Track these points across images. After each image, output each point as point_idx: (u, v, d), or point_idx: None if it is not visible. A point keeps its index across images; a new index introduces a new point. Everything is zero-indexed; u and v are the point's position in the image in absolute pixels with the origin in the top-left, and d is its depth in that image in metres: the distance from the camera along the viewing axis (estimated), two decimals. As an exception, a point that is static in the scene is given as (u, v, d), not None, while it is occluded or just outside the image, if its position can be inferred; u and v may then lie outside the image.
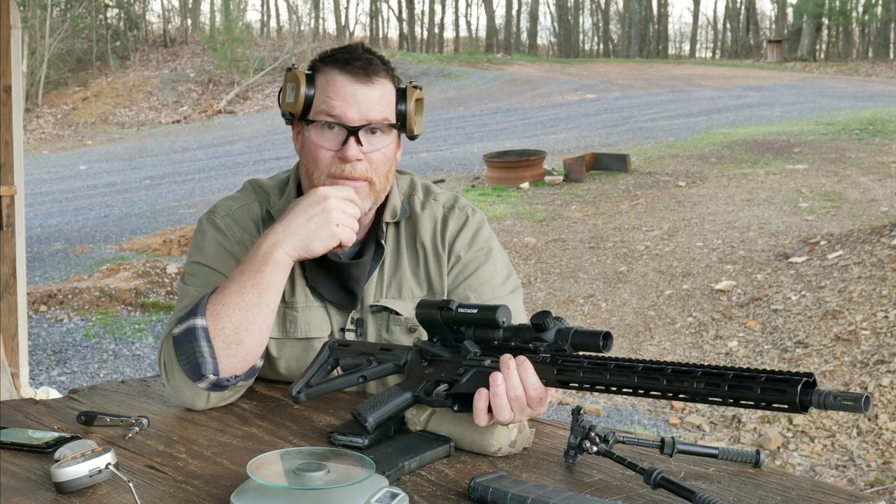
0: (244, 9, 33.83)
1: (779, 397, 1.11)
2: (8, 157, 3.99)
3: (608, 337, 1.29)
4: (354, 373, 1.51)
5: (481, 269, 1.76)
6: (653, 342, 5.44)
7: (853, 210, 8.33)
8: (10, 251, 4.07)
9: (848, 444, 3.88)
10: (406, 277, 1.76)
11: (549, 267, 7.09)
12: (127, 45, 27.56)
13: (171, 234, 8.81)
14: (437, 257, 1.76)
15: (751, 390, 1.13)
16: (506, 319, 1.39)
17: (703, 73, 26.85)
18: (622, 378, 1.24)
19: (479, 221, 1.81)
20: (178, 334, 1.57)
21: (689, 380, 1.18)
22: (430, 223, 1.78)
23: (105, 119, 21.75)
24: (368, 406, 1.40)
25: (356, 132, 1.63)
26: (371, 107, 1.65)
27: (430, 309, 1.46)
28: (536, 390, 1.33)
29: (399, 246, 1.77)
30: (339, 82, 1.65)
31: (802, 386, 1.10)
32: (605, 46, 45.02)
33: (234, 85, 23.82)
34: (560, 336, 1.33)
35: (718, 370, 1.17)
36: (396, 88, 1.70)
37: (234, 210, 1.78)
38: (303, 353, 1.73)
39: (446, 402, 1.40)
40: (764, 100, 18.62)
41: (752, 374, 1.14)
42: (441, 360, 1.45)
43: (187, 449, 1.42)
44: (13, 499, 1.23)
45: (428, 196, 1.82)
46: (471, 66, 27.81)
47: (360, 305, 1.74)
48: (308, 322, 1.74)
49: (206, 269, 1.71)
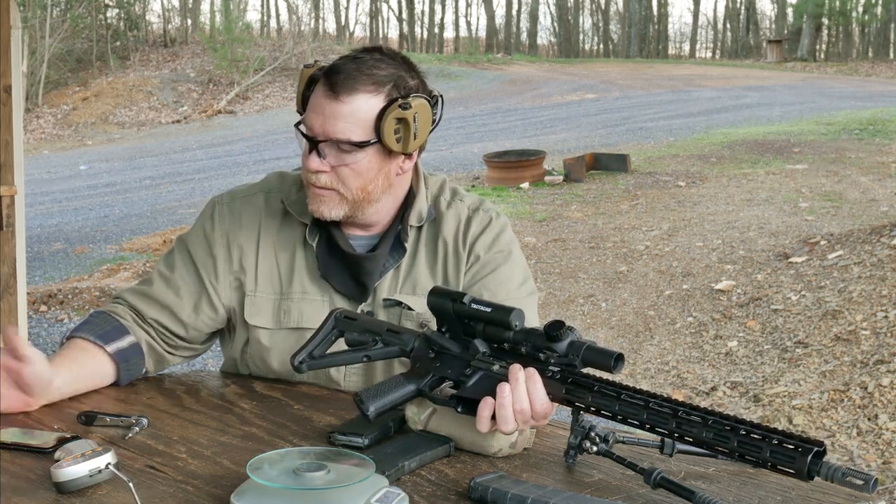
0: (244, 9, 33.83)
1: (787, 463, 1.11)
2: (8, 157, 3.98)
3: (620, 359, 1.27)
4: (359, 351, 1.50)
5: (499, 269, 1.76)
6: (653, 342, 5.44)
7: (853, 210, 8.33)
8: (10, 251, 4.07)
9: (848, 444, 3.88)
10: (422, 274, 1.76)
11: (549, 267, 7.09)
12: (127, 45, 27.54)
13: (171, 234, 8.81)
14: (457, 255, 1.77)
15: (760, 451, 1.12)
16: (519, 323, 1.37)
17: (703, 73, 26.85)
18: (631, 410, 1.23)
19: (503, 225, 1.82)
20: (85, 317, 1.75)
21: (700, 427, 1.17)
22: (454, 222, 1.79)
23: (105, 119, 21.73)
24: (371, 394, 1.38)
25: (315, 144, 1.63)
26: (336, 123, 1.62)
27: (442, 298, 1.43)
28: (543, 405, 1.32)
29: (418, 245, 1.78)
30: (317, 92, 1.65)
31: (812, 456, 1.10)
32: (605, 46, 45.01)
33: (234, 85, 23.80)
34: (572, 349, 1.32)
35: (731, 422, 1.16)
36: (386, 103, 1.62)
37: (238, 197, 1.82)
38: (296, 344, 1.73)
39: (450, 403, 1.39)
40: (764, 100, 18.62)
41: (764, 434, 1.13)
42: (448, 353, 1.43)
43: (187, 449, 1.42)
44: (13, 499, 1.23)
45: (454, 197, 1.83)
46: (471, 66, 27.80)
47: (371, 299, 1.74)
48: (301, 312, 1.74)
49: (181, 247, 1.81)
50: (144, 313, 1.76)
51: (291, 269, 1.76)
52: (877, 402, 4.17)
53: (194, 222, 1.84)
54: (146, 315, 1.76)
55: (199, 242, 1.79)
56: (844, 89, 20.67)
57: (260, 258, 1.77)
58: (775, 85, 22.11)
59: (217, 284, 1.77)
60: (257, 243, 1.77)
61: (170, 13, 32.84)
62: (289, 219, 1.78)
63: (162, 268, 1.80)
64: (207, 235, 1.79)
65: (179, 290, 1.77)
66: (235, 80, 24.04)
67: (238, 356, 1.81)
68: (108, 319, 1.73)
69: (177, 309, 1.76)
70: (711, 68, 29.41)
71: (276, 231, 1.78)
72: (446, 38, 44.39)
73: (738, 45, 43.87)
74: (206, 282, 1.76)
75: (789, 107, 17.06)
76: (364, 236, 1.76)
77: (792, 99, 18.53)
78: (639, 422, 1.22)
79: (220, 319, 1.79)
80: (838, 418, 4.08)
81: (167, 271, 1.79)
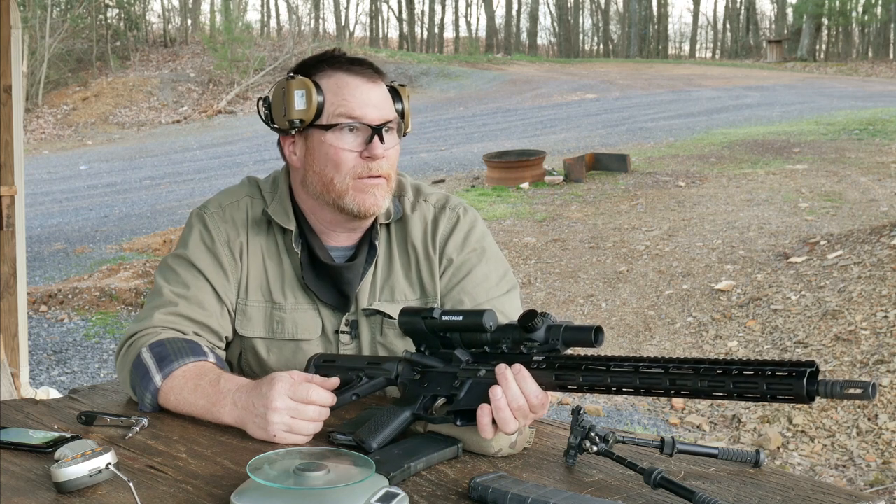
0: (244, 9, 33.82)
1: (785, 391, 1.11)
2: (8, 157, 3.99)
3: (599, 331, 1.28)
4: (347, 391, 1.50)
5: (474, 270, 1.74)
6: (653, 342, 5.44)
7: (853, 210, 8.33)
8: (10, 251, 4.07)
9: (848, 444, 3.88)
10: (399, 280, 1.74)
11: (549, 267, 7.09)
12: (127, 46, 27.54)
13: (171, 234, 8.81)
14: (429, 260, 1.74)
15: (757, 386, 1.12)
16: (492, 323, 1.37)
17: (703, 73, 26.85)
18: (623, 379, 1.23)
19: (472, 221, 1.78)
20: (137, 364, 1.59)
21: (693, 378, 1.17)
22: (420, 224, 1.76)
23: (105, 119, 21.73)
24: (369, 431, 1.38)
25: (380, 130, 1.63)
26: (384, 106, 1.66)
27: (412, 317, 1.44)
28: (538, 397, 1.32)
29: (391, 248, 1.76)
30: (352, 84, 1.64)
31: (808, 377, 1.10)
32: (605, 46, 45.00)
33: (234, 85, 23.80)
34: (551, 334, 1.32)
35: (722, 366, 1.16)
36: (388, 87, 1.71)
37: (224, 206, 1.77)
38: (292, 355, 1.72)
39: (448, 419, 1.39)
40: (764, 100, 18.62)
41: (757, 368, 1.13)
42: (434, 371, 1.44)
43: (187, 449, 1.42)
44: (13, 499, 1.23)
45: (418, 196, 1.79)
46: (471, 66, 27.80)
47: (353, 308, 1.73)
48: (296, 324, 1.73)
49: (185, 264, 1.72)
50: (185, 330, 1.68)
51: (281, 277, 1.74)
52: (877, 402, 4.17)
53: (184, 238, 1.77)
54: (187, 332, 1.68)
55: (202, 256, 1.73)
56: (844, 89, 20.67)
57: (251, 266, 1.74)
58: (775, 85, 22.11)
59: (229, 293, 1.73)
60: (248, 251, 1.75)
61: (170, 13, 32.86)
62: (273, 226, 1.76)
63: (175, 289, 1.70)
64: (209, 247, 1.73)
65: (203, 304, 1.70)
66: (235, 80, 24.04)
67: (234, 362, 1.79)
68: (178, 341, 1.63)
69: (209, 321, 1.70)
70: (711, 68, 29.41)
71: (264, 238, 1.76)
72: (446, 38, 44.37)
73: (738, 45, 43.87)
74: (220, 293, 1.72)
75: (789, 107, 17.06)
76: (341, 248, 1.74)
77: (792, 99, 18.52)
78: (633, 388, 1.22)
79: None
80: (838, 418, 4.07)
81: (182, 290, 1.70)
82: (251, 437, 1.46)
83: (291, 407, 1.43)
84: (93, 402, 1.66)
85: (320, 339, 1.72)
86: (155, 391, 1.57)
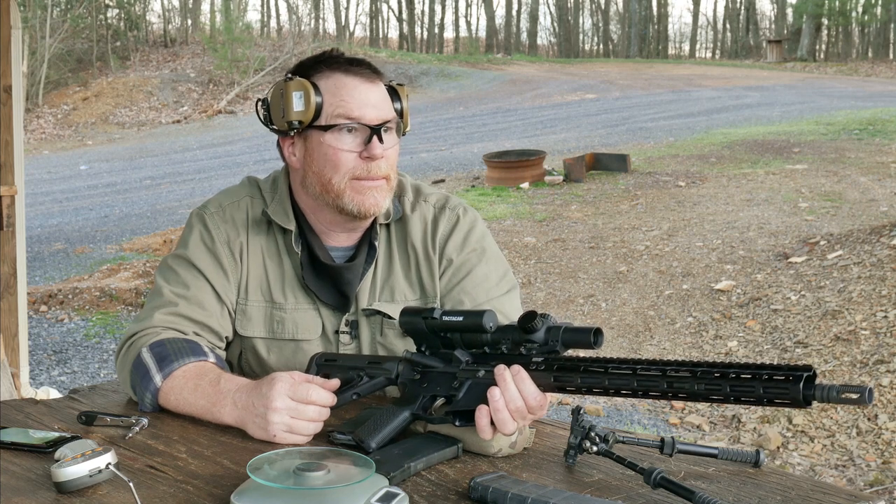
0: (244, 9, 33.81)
1: (782, 395, 1.11)
2: (8, 157, 3.99)
3: (599, 333, 1.28)
4: (347, 390, 1.51)
5: (474, 270, 1.74)
6: (653, 342, 5.44)
7: (853, 210, 8.33)
8: (10, 251, 4.07)
9: (848, 444, 3.88)
10: (398, 280, 1.74)
11: (549, 267, 7.09)
12: (127, 46, 27.54)
13: (171, 234, 8.81)
14: (429, 260, 1.74)
15: (753, 389, 1.13)
16: (492, 324, 1.37)
17: (703, 73, 26.85)
18: (621, 381, 1.23)
19: (471, 221, 1.78)
20: (137, 364, 1.59)
21: (690, 381, 1.17)
22: (420, 225, 1.76)
23: (105, 119, 21.73)
24: (369, 431, 1.39)
25: (378, 130, 1.63)
26: (382, 106, 1.66)
27: (413, 317, 1.45)
28: (536, 399, 1.32)
29: (391, 248, 1.76)
30: (350, 85, 1.64)
31: (805, 381, 1.10)
32: (605, 46, 45.00)
33: (234, 85, 23.80)
34: (550, 335, 1.32)
35: (719, 369, 1.16)
36: (387, 86, 1.71)
37: (224, 206, 1.77)
38: (292, 355, 1.72)
39: (447, 419, 1.39)
40: (764, 100, 18.62)
41: (754, 372, 1.13)
42: (433, 371, 1.44)
43: (187, 449, 1.42)
44: (13, 499, 1.23)
45: (418, 197, 1.79)
46: (471, 66, 27.80)
47: (353, 308, 1.73)
48: (296, 324, 1.73)
49: (185, 265, 1.72)
50: (185, 330, 1.68)
51: (281, 277, 1.74)
52: (877, 403, 4.17)
53: (184, 238, 1.76)
54: (187, 332, 1.68)
55: (202, 256, 1.73)
56: (844, 89, 20.67)
57: (251, 266, 1.74)
58: (775, 85, 22.11)
59: (229, 293, 1.73)
60: (248, 251, 1.75)
61: (170, 13, 32.85)
62: (273, 226, 1.76)
63: (175, 289, 1.70)
64: (210, 247, 1.73)
65: (203, 304, 1.70)
66: (235, 80, 24.04)
67: (235, 362, 1.80)
68: (178, 341, 1.62)
69: (209, 321, 1.70)
70: (711, 68, 29.41)
71: (264, 238, 1.76)
72: (446, 38, 44.36)
73: (738, 45, 43.86)
74: (220, 293, 1.72)
75: (789, 107, 17.06)
76: (341, 248, 1.75)
77: (792, 99, 18.52)
78: (630, 391, 1.22)
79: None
80: (838, 418, 4.07)
81: (182, 290, 1.70)
82: (251, 437, 1.46)
83: (291, 407, 1.43)
84: (93, 402, 1.66)
85: (320, 339, 1.73)
86: (155, 391, 1.57)
